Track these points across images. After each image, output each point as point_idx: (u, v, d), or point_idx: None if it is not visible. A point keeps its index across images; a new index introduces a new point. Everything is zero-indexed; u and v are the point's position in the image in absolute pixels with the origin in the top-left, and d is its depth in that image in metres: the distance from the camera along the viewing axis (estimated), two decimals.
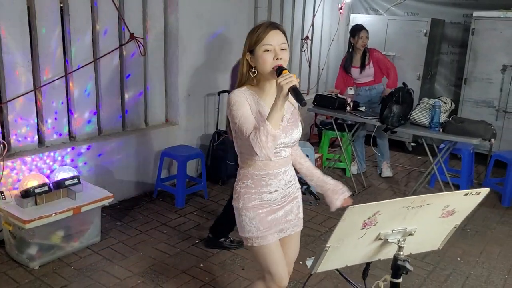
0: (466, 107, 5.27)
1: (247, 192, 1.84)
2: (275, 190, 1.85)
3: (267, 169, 1.82)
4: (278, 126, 1.63)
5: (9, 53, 3.07)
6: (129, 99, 3.97)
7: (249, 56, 1.76)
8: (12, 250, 2.93)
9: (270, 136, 1.60)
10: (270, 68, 1.70)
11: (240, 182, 1.87)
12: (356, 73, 4.67)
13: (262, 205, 1.84)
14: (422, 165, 5.27)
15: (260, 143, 1.60)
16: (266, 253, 1.85)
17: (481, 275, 3.04)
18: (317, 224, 3.70)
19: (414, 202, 1.21)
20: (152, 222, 3.60)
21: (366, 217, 1.21)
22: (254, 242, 1.85)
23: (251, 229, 1.83)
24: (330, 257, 1.27)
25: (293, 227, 1.95)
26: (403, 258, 1.30)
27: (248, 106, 1.73)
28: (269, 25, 1.74)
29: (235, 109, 1.71)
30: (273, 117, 1.61)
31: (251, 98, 1.76)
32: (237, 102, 1.72)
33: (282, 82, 1.59)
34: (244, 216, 1.84)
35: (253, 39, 1.73)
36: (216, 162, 4.35)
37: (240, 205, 1.85)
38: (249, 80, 1.79)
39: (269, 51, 1.70)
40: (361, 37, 4.49)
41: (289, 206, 1.92)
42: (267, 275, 1.89)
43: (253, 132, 1.63)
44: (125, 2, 3.73)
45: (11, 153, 3.19)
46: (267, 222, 1.84)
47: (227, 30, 4.48)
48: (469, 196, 1.26)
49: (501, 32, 4.95)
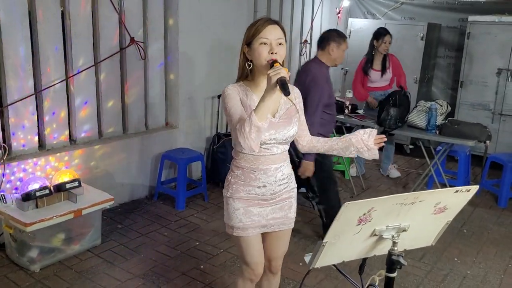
0: (463, 110, 5.33)
1: (236, 182, 1.88)
2: (263, 185, 1.86)
3: (257, 163, 1.84)
4: (264, 119, 1.63)
5: (10, 57, 3.10)
6: (129, 103, 4.01)
7: (246, 49, 1.80)
8: (13, 253, 2.95)
9: (254, 127, 1.61)
10: (265, 61, 1.72)
11: (231, 172, 1.92)
12: (376, 76, 4.64)
13: (249, 197, 1.87)
14: (420, 167, 5.31)
15: (244, 133, 1.62)
16: (244, 244, 1.92)
17: (477, 275, 3.07)
18: (316, 225, 3.72)
19: (407, 199, 1.25)
20: (152, 224, 3.63)
21: (361, 214, 1.24)
22: (234, 231, 1.91)
23: (234, 218, 1.89)
24: (327, 252, 1.31)
25: (279, 225, 1.96)
26: (397, 253, 1.34)
27: (239, 99, 1.77)
28: (268, 19, 1.78)
29: (227, 101, 1.77)
30: (260, 109, 1.62)
31: (244, 92, 1.80)
32: (229, 95, 1.78)
33: (271, 73, 1.60)
34: (230, 205, 1.90)
35: (251, 31, 1.77)
36: (216, 164, 4.38)
37: (228, 194, 1.90)
38: (248, 75, 1.83)
39: (265, 44, 1.73)
40: (385, 42, 4.49)
41: (279, 205, 1.93)
42: (243, 264, 1.99)
43: (239, 123, 1.66)
44: (125, 6, 3.77)
45: (12, 157, 3.22)
46: (251, 216, 1.88)
47: (227, 34, 4.52)
48: (459, 193, 1.30)
49: (496, 36, 5.01)
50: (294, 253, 3.17)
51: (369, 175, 5.00)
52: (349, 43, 5.94)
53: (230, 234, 1.94)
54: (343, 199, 4.32)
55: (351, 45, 6.00)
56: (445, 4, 5.80)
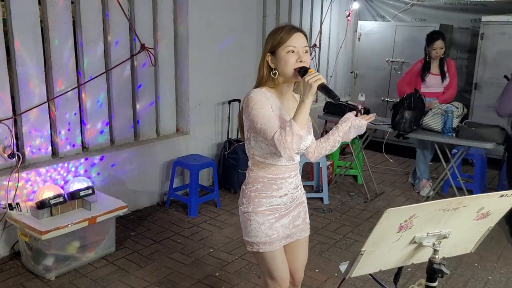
0: (477, 112, 5.25)
1: (257, 196, 1.82)
2: (285, 194, 1.84)
3: (278, 173, 1.81)
4: (303, 126, 1.61)
5: (23, 65, 3.09)
6: (140, 109, 3.98)
7: (269, 57, 1.75)
8: (29, 262, 2.92)
9: (296, 136, 1.57)
10: (292, 69, 1.69)
11: (249, 185, 1.84)
12: (435, 81, 4.32)
13: (272, 210, 1.83)
14: (434, 171, 5.23)
15: (285, 144, 1.58)
16: (270, 259, 1.86)
17: (499, 281, 2.99)
18: (331, 231, 3.67)
19: (450, 204, 1.19)
20: (165, 231, 3.58)
21: (403, 220, 1.19)
22: (261, 248, 1.83)
23: (259, 234, 1.82)
24: (365, 261, 1.25)
25: (300, 232, 1.95)
26: (439, 261, 1.28)
27: (270, 106, 1.70)
28: (292, 27, 1.74)
29: (257, 108, 1.67)
30: (299, 117, 1.59)
31: (271, 99, 1.75)
32: (259, 102, 1.69)
33: (311, 80, 1.57)
34: (253, 221, 1.83)
35: (276, 40, 1.72)
36: (228, 170, 4.34)
37: (250, 209, 1.83)
38: (268, 81, 1.77)
39: (293, 53, 1.69)
40: (434, 48, 4.19)
41: (296, 211, 1.91)
42: (269, 279, 1.91)
43: (278, 132, 1.60)
44: (135, 13, 3.76)
45: (26, 165, 3.20)
46: (276, 228, 1.84)
47: (236, 39, 4.50)
48: (504, 198, 1.24)
49: (510, 36, 4.94)
50: (309, 260, 3.07)
51: (382, 180, 4.93)
52: (359, 46, 6.00)
53: (255, 252, 1.86)
54: (357, 204, 4.27)
55: (361, 48, 5.99)
56: (456, 5, 5.75)
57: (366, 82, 5.97)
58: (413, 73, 4.40)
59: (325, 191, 4.26)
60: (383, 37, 5.77)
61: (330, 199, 4.30)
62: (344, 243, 3.48)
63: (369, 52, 5.91)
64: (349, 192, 4.56)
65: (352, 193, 4.55)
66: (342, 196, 4.45)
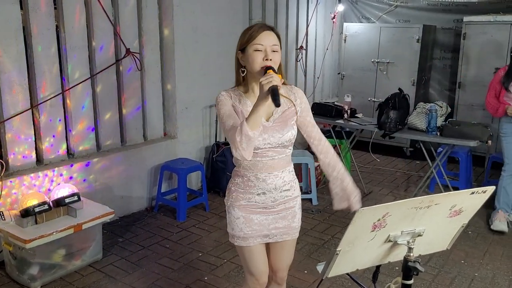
0: (462, 111, 5.32)
1: (236, 190, 1.86)
2: (262, 193, 1.83)
3: (255, 170, 1.80)
4: (256, 127, 1.58)
5: (5, 72, 3.07)
6: (127, 114, 3.97)
7: (240, 55, 1.77)
8: (13, 271, 2.88)
9: (245, 136, 1.57)
10: (259, 67, 1.69)
11: (231, 180, 1.90)
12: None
13: (249, 205, 1.84)
14: (420, 170, 5.28)
15: (234, 143, 1.59)
16: (246, 254, 1.88)
17: (486, 277, 3.03)
18: (320, 232, 3.68)
19: (422, 202, 1.21)
20: (154, 237, 3.57)
21: (376, 219, 1.21)
22: (236, 241, 1.88)
23: (235, 227, 1.86)
24: (341, 261, 1.26)
25: (281, 235, 1.90)
26: (414, 259, 1.30)
27: (231, 105, 1.74)
28: (263, 25, 1.75)
29: (219, 108, 1.76)
30: (251, 117, 1.58)
31: (237, 98, 1.77)
32: (221, 101, 1.76)
33: (264, 81, 1.56)
34: (231, 214, 1.87)
35: (245, 37, 1.73)
36: (217, 174, 4.34)
37: (229, 203, 1.88)
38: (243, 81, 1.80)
39: (260, 51, 1.69)
40: None
41: (282, 214, 1.88)
42: (247, 273, 1.94)
43: (231, 131, 1.63)
44: (120, 17, 3.75)
45: (10, 172, 3.17)
46: (252, 225, 1.84)
47: (223, 42, 4.51)
48: (475, 195, 1.27)
49: (492, 35, 5.02)
50: (298, 261, 3.12)
51: (370, 179, 4.97)
52: (345, 47, 6.05)
53: (233, 243, 1.92)
54: None
55: (347, 49, 6.04)
56: (439, 6, 5.82)
57: (352, 83, 6.02)
58: (496, 84, 3.66)
59: (313, 192, 4.28)
60: (368, 39, 5.83)
61: (319, 200, 4.32)
62: (333, 243, 3.49)
63: (355, 53, 5.96)
64: None
65: None
66: (331, 197, 4.46)
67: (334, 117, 4.43)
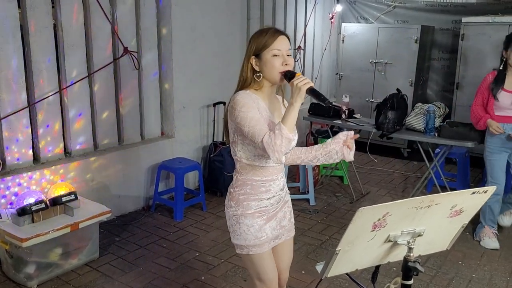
0: (459, 112, 5.32)
1: (246, 199, 1.82)
2: (273, 196, 1.85)
3: (266, 175, 1.81)
4: (292, 129, 1.60)
5: (2, 70, 3.05)
6: (124, 113, 3.95)
7: (254, 60, 1.75)
8: (9, 270, 2.87)
9: (285, 139, 1.57)
10: (278, 73, 1.71)
11: (238, 188, 1.84)
12: (508, 100, 3.21)
13: (260, 212, 1.83)
14: (418, 170, 5.29)
15: (274, 147, 1.57)
16: (259, 262, 1.85)
17: (483, 278, 3.03)
18: (317, 232, 3.68)
19: (423, 202, 1.21)
20: (151, 236, 3.56)
21: (376, 219, 1.20)
22: (250, 250, 1.83)
23: (248, 237, 1.82)
24: (340, 261, 1.26)
25: (287, 233, 1.96)
26: (414, 259, 1.29)
27: (256, 109, 1.70)
28: (277, 30, 1.76)
29: (244, 110, 1.66)
30: (288, 119, 1.59)
31: (257, 101, 1.75)
32: (246, 104, 1.67)
33: (300, 83, 1.58)
34: (242, 224, 1.82)
35: (260, 43, 1.72)
36: (214, 173, 4.33)
37: (239, 212, 1.82)
38: (253, 84, 1.77)
39: (278, 56, 1.71)
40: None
41: (282, 212, 1.92)
42: (257, 281, 1.89)
43: (267, 135, 1.59)
44: (118, 16, 3.73)
45: (7, 171, 3.15)
46: (265, 230, 1.84)
47: (220, 42, 4.50)
48: (476, 195, 1.26)
49: (490, 36, 5.03)
50: (295, 261, 3.10)
51: (368, 180, 4.97)
52: (343, 47, 6.04)
53: (245, 254, 1.86)
54: (343, 205, 4.29)
55: (345, 49, 6.04)
56: (437, 7, 5.83)
57: (350, 83, 6.02)
58: (484, 90, 3.37)
59: (311, 192, 4.28)
60: (366, 39, 5.83)
61: (317, 200, 4.32)
62: (330, 244, 3.49)
63: (353, 53, 5.96)
64: (335, 193, 4.58)
65: (338, 193, 4.57)
66: (328, 197, 4.47)
67: (332, 118, 4.43)
